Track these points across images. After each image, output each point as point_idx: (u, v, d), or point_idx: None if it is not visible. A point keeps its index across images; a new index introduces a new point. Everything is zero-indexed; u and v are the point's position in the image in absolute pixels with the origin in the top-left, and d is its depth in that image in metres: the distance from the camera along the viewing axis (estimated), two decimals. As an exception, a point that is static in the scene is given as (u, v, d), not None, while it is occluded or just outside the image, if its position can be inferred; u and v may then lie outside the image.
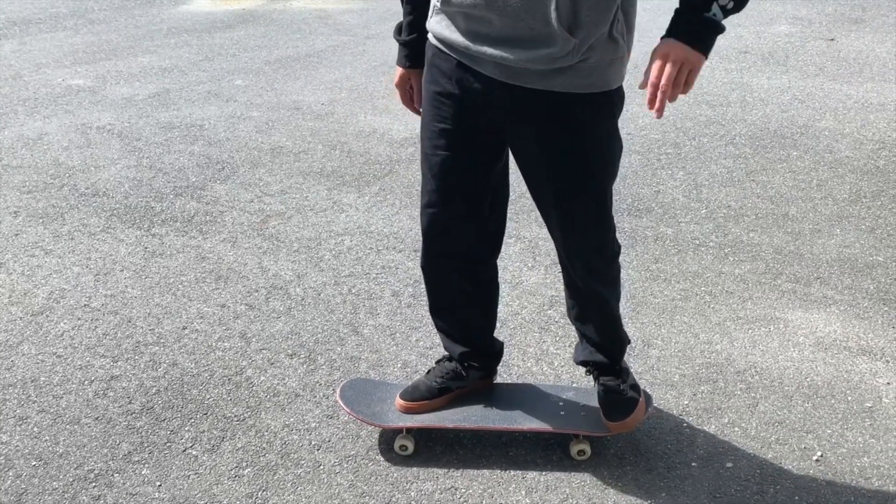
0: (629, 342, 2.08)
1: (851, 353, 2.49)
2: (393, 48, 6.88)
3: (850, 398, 2.28)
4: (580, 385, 2.26)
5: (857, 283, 2.89)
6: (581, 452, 2.03)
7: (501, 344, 2.19)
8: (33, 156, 4.14)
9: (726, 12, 1.49)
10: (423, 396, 2.08)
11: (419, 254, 2.02)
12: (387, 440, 2.10)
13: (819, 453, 2.07)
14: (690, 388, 2.32)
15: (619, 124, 1.81)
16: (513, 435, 2.10)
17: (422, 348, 2.52)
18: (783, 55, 6.06)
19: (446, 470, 2.02)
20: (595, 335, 2.00)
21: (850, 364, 2.44)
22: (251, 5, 8.45)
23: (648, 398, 2.10)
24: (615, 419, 1.97)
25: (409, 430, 2.05)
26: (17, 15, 7.98)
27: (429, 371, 2.15)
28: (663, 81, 1.48)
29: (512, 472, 2.01)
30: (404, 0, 1.79)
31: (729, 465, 2.03)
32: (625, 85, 1.76)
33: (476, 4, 1.53)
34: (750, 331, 2.61)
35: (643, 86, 1.52)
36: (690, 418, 2.20)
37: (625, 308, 2.73)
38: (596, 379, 2.05)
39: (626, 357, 2.09)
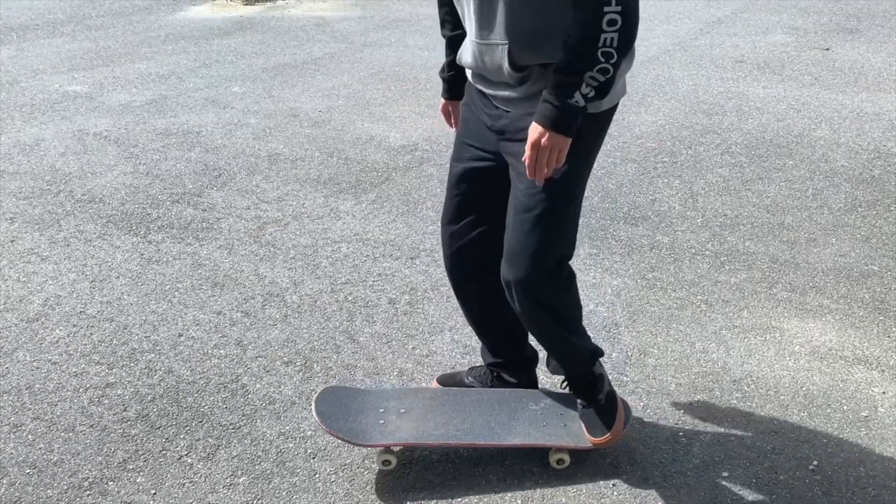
0: (600, 353, 2.06)
1: (847, 362, 2.50)
2: (389, 56, 6.89)
3: (845, 407, 2.28)
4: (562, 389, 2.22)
5: (853, 292, 2.90)
6: (560, 461, 2.03)
7: (534, 352, 2.23)
8: (30, 162, 4.14)
9: (588, 99, 1.62)
10: (455, 385, 2.23)
11: (415, 261, 2.03)
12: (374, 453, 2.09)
13: (815, 462, 2.07)
14: (687, 397, 2.33)
15: (616, 132, 1.83)
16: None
17: (418, 356, 2.52)
18: (779, 64, 6.08)
19: (442, 479, 2.02)
20: (549, 352, 2.05)
21: (846, 373, 2.44)
22: (249, 12, 8.46)
23: (627, 408, 2.10)
24: (597, 435, 2.00)
25: (393, 447, 2.03)
26: (15, 21, 7.98)
27: (472, 368, 2.28)
28: (535, 169, 1.69)
29: (508, 482, 2.01)
30: (446, 42, 2.03)
31: (725, 474, 2.03)
32: (624, 96, 1.78)
33: (471, 67, 1.84)
34: (746, 340, 2.61)
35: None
36: (687, 427, 2.20)
37: (621, 316, 2.74)
38: (572, 392, 2.08)
39: (628, 363, 2.08)
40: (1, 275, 3.02)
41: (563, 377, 2.11)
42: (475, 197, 1.97)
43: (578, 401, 2.06)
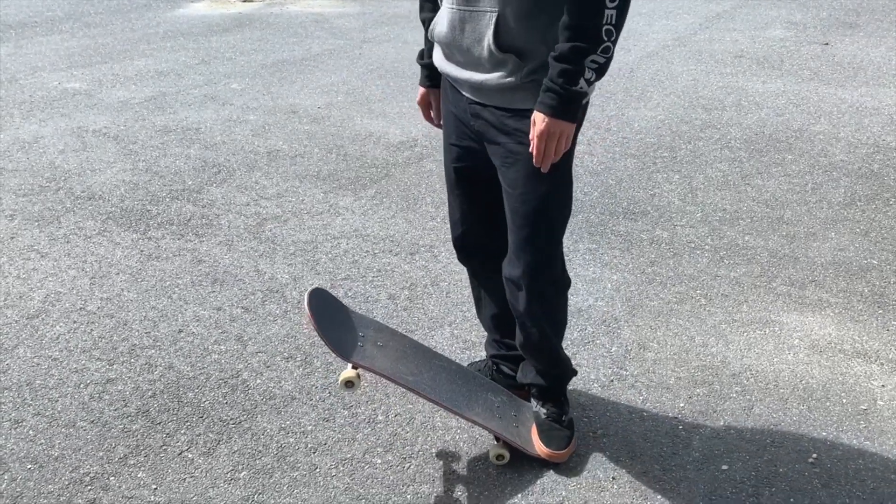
0: (574, 373, 2.09)
1: (846, 355, 2.50)
2: (388, 52, 6.89)
3: (844, 401, 2.29)
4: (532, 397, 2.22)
5: (852, 286, 2.90)
6: (500, 457, 2.02)
7: None
8: (29, 159, 4.14)
9: (590, 83, 1.61)
10: None
11: (415, 257, 2.04)
12: (384, 439, 2.10)
13: (814, 455, 2.08)
14: (686, 391, 2.33)
15: (616, 127, 1.83)
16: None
17: (418, 351, 2.52)
18: (778, 59, 6.08)
19: (443, 473, 2.02)
20: (535, 359, 2.05)
21: (845, 367, 2.44)
22: (247, 9, 8.45)
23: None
24: (554, 448, 2.01)
25: (356, 367, 1.94)
26: (14, 18, 7.97)
27: (472, 363, 2.30)
28: (542, 158, 1.67)
29: (508, 475, 2.01)
30: (425, 27, 1.97)
31: (724, 467, 2.04)
32: (622, 90, 1.77)
33: (444, 40, 1.77)
34: (745, 334, 2.61)
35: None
36: (686, 421, 2.21)
37: (620, 311, 2.74)
38: (538, 402, 2.08)
39: (627, 358, 2.10)
40: (1, 271, 3.02)
41: (534, 389, 2.10)
42: (474, 191, 1.98)
43: (543, 411, 2.06)
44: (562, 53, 1.57)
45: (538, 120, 1.63)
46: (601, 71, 1.60)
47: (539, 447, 2.02)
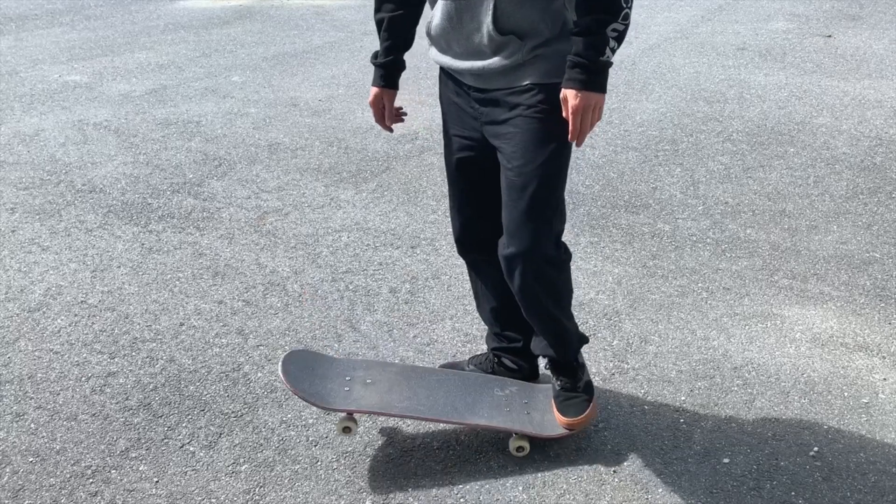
0: (585, 340, 2.08)
1: (848, 349, 2.50)
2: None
3: (846, 394, 2.29)
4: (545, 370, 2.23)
5: (854, 279, 2.90)
6: (520, 449, 2.03)
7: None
8: (30, 152, 4.13)
9: (613, 51, 1.65)
10: None
11: (416, 250, 2.04)
12: (385, 432, 2.10)
13: (816, 449, 2.08)
14: (687, 385, 2.33)
15: (617, 120, 1.83)
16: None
17: (419, 344, 2.52)
18: (781, 52, 6.06)
19: (444, 466, 2.02)
20: (541, 333, 2.04)
21: (847, 360, 2.44)
22: (248, 2, 8.43)
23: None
24: (570, 416, 2.01)
25: (347, 412, 2.00)
26: (14, 11, 7.96)
27: (473, 356, 2.30)
28: (578, 132, 1.69)
29: (509, 468, 2.01)
30: (381, 29, 1.97)
31: (726, 460, 2.04)
32: (623, 82, 1.77)
33: (441, 33, 1.79)
34: (747, 327, 2.61)
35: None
36: (687, 414, 2.21)
37: (622, 304, 2.74)
38: (553, 374, 2.09)
39: (628, 351, 2.09)
40: (2, 265, 3.02)
41: (546, 358, 2.11)
42: (475, 183, 1.98)
43: (557, 382, 2.07)
44: (584, 27, 1.61)
45: (570, 96, 1.65)
46: (621, 38, 1.65)
47: (559, 420, 2.02)
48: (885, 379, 2.35)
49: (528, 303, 1.92)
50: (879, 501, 1.90)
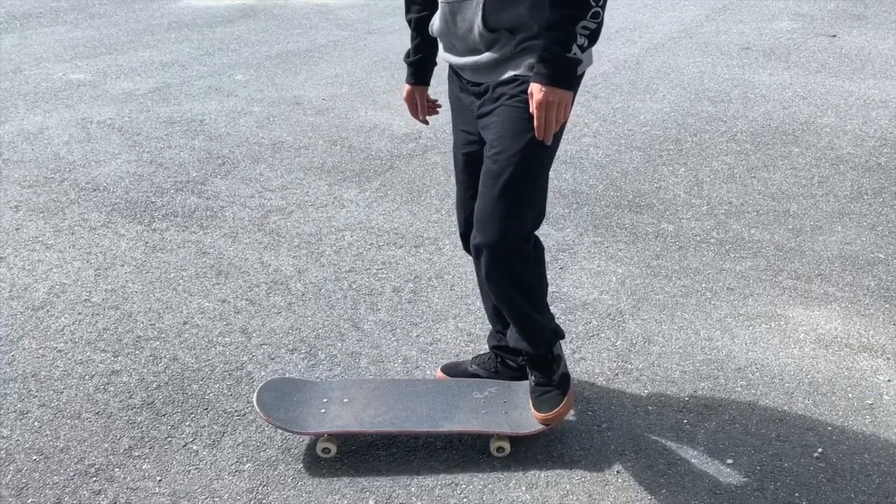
0: (561, 335, 2.06)
1: (852, 349, 2.49)
2: (393, 44, 6.87)
3: (850, 395, 2.28)
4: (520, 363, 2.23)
5: (858, 279, 2.89)
6: (500, 449, 2.03)
7: None
8: (34, 150, 4.14)
9: (583, 49, 1.67)
10: (459, 375, 2.25)
11: (419, 249, 2.04)
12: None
13: (820, 450, 2.07)
14: (691, 385, 2.32)
15: (621, 120, 1.83)
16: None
17: (422, 344, 2.52)
18: (785, 52, 6.05)
19: (447, 465, 2.02)
20: (512, 324, 2.03)
21: (851, 361, 2.44)
22: (252, 0, 8.43)
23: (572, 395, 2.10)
24: (544, 411, 2.02)
25: (322, 435, 2.03)
26: (18, 9, 7.97)
27: (476, 356, 2.31)
28: (543, 129, 1.72)
29: (512, 468, 2.01)
30: (412, 27, 2.06)
31: (729, 461, 2.03)
32: (627, 82, 1.77)
33: (440, 33, 1.88)
34: (751, 327, 2.61)
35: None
36: (691, 415, 2.20)
37: (626, 304, 2.73)
38: (528, 368, 2.09)
39: (632, 351, 2.08)
40: (6, 263, 3.02)
41: (521, 353, 2.11)
42: (478, 178, 1.98)
43: (532, 377, 2.07)
44: (553, 22, 1.64)
45: (535, 90, 1.69)
46: (593, 37, 1.67)
47: (535, 415, 2.03)
48: (889, 380, 2.35)
49: (495, 293, 1.91)
50: (884, 503, 1.90)
